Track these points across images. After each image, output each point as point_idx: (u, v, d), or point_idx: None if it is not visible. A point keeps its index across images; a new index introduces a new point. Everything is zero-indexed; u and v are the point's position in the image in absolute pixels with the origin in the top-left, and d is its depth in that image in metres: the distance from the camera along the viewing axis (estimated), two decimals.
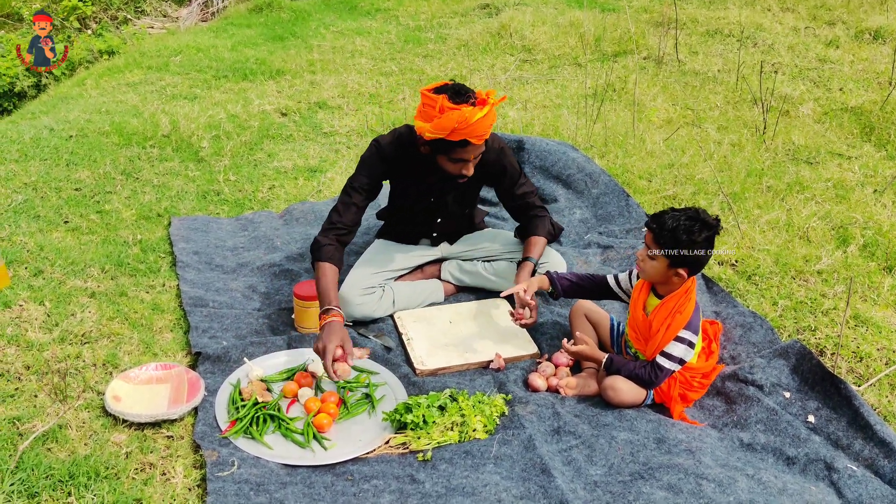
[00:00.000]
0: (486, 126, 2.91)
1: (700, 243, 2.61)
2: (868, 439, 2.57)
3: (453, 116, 2.83)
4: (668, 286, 2.74)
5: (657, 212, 2.74)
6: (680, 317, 2.69)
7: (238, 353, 2.95)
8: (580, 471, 2.49)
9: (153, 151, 4.87)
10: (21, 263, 3.43)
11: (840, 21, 7.78)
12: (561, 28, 7.86)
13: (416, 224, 3.46)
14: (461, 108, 2.84)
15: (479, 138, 2.93)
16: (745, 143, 5.08)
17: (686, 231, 2.60)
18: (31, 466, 2.31)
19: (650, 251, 2.70)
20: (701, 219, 2.63)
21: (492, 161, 3.22)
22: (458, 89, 2.91)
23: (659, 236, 2.65)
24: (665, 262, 2.67)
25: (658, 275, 2.72)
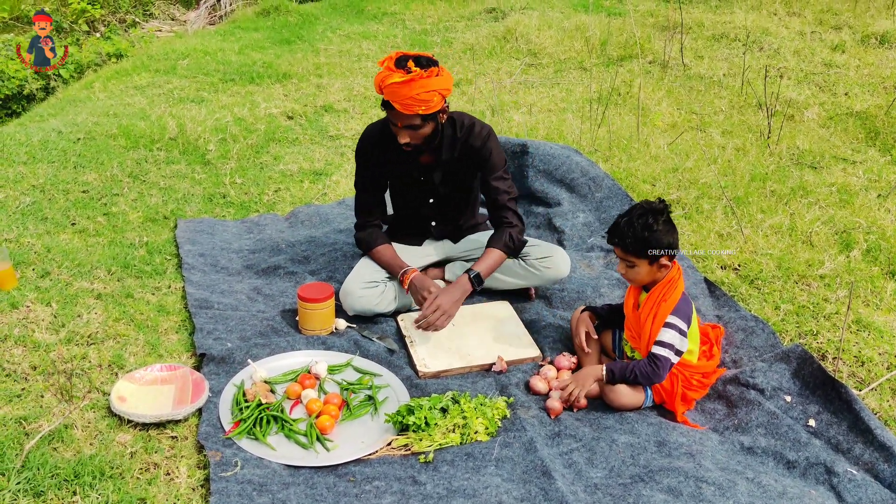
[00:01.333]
0: (405, 94, 2.93)
1: (662, 229, 2.71)
2: (868, 443, 2.58)
3: (380, 74, 2.97)
4: (657, 281, 2.80)
5: (610, 227, 2.82)
6: (665, 304, 2.75)
7: (242, 355, 2.98)
8: (581, 473, 2.50)
9: (160, 154, 4.90)
10: (28, 265, 3.46)
11: (846, 25, 7.78)
12: (566, 32, 7.88)
13: (414, 215, 3.48)
14: (392, 71, 2.94)
15: (400, 105, 2.96)
16: (750, 147, 5.09)
17: (645, 227, 2.70)
18: (36, 465, 2.33)
19: (626, 263, 2.79)
20: (650, 209, 2.73)
21: (476, 147, 3.25)
22: (410, 57, 2.98)
23: (625, 246, 2.75)
24: (645, 262, 2.75)
25: (645, 276, 2.79)
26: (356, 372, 2.99)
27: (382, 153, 3.28)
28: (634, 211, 2.76)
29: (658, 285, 2.78)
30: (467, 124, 3.26)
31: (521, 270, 3.41)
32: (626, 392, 2.79)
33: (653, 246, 2.71)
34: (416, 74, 2.90)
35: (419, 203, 3.45)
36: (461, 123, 3.25)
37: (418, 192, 3.41)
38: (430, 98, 2.97)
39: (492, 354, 3.09)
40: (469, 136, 3.24)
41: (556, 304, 3.46)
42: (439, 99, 3.01)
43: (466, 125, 3.25)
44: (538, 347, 3.17)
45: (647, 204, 2.77)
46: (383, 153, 3.28)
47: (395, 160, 3.28)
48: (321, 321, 3.18)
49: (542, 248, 3.43)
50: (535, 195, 4.19)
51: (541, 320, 3.32)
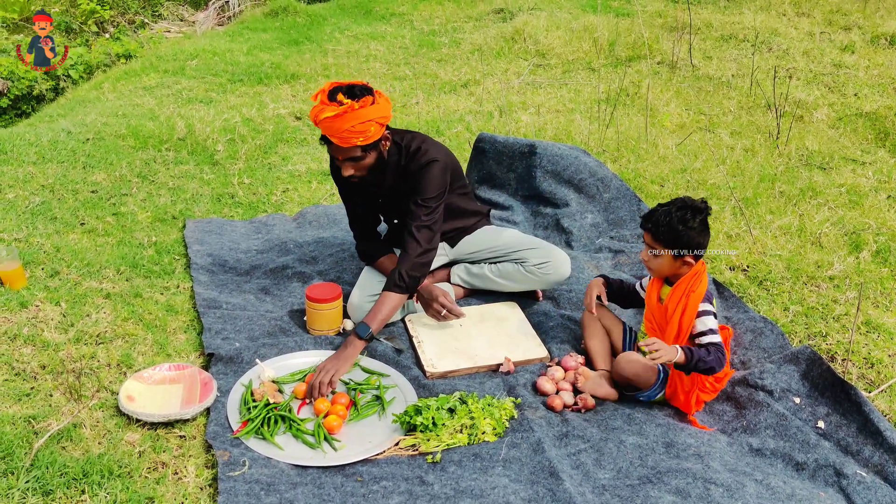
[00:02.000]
0: (338, 127, 2.88)
1: (696, 228, 2.70)
2: (878, 445, 2.56)
3: (314, 108, 2.93)
4: (678, 276, 2.79)
5: (647, 212, 2.80)
6: (694, 295, 2.73)
7: (250, 355, 2.98)
8: (588, 474, 2.49)
9: (169, 154, 4.92)
10: (38, 264, 3.48)
11: (856, 26, 7.75)
12: (575, 33, 7.87)
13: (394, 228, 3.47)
14: (325, 105, 2.89)
15: (337, 139, 2.92)
16: (759, 148, 5.07)
17: (681, 221, 2.69)
18: (45, 464, 2.34)
19: (652, 250, 2.78)
20: (691, 205, 2.71)
21: (412, 171, 3.16)
22: (342, 89, 2.92)
23: (657, 234, 2.74)
24: (669, 255, 2.74)
25: (667, 269, 2.79)
26: (364, 372, 2.99)
27: (343, 178, 3.20)
28: (676, 202, 2.75)
29: (684, 278, 2.77)
30: (413, 150, 3.17)
31: (520, 276, 3.40)
32: (639, 359, 2.76)
33: (683, 240, 2.71)
34: (348, 106, 2.84)
35: (388, 220, 3.47)
36: (407, 148, 3.18)
37: (384, 214, 3.43)
38: (366, 129, 2.91)
39: (499, 355, 3.09)
40: (410, 161, 3.16)
41: (564, 305, 3.45)
42: (377, 128, 2.95)
43: (412, 151, 3.17)
44: (546, 348, 3.16)
45: (689, 200, 2.76)
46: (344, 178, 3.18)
47: (355, 185, 3.25)
48: (329, 321, 3.18)
49: (540, 252, 3.40)
50: (544, 196, 4.18)
51: (548, 321, 3.32)
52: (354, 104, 2.85)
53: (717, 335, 2.73)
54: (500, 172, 4.37)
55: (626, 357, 2.80)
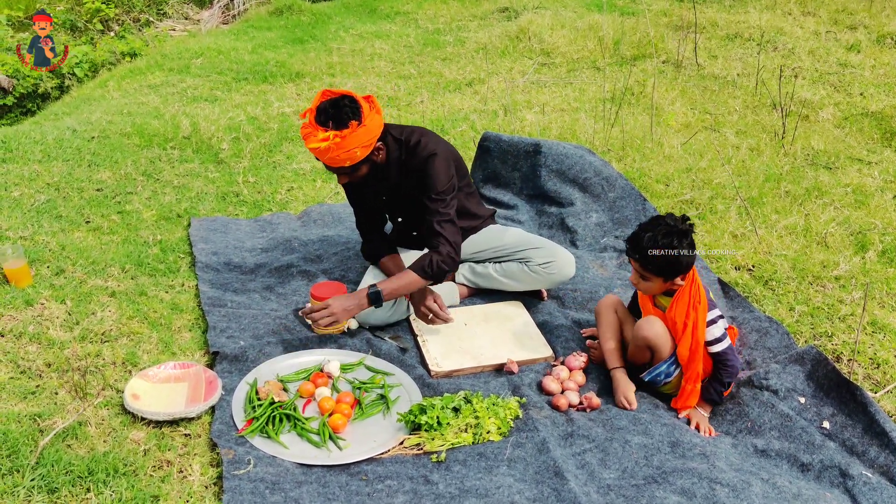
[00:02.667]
0: (322, 155, 2.96)
1: (685, 253, 2.69)
2: (884, 446, 2.56)
3: (302, 130, 2.99)
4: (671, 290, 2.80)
5: (631, 237, 2.78)
6: (700, 307, 2.74)
7: (255, 353, 2.99)
8: (594, 474, 2.49)
9: (174, 153, 4.92)
10: (43, 262, 3.48)
11: (861, 25, 7.72)
12: (580, 32, 7.86)
13: (398, 227, 3.50)
14: (314, 129, 2.94)
15: (325, 161, 3.00)
16: (764, 147, 5.06)
17: (668, 248, 2.68)
18: (51, 462, 2.35)
19: (642, 276, 2.78)
20: (675, 230, 2.69)
21: (415, 167, 3.18)
22: (328, 110, 2.94)
23: (645, 265, 2.74)
24: (660, 280, 2.75)
25: (657, 290, 2.81)
26: (368, 371, 2.99)
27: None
28: (659, 229, 2.71)
29: (682, 291, 2.76)
30: (413, 144, 3.18)
31: (524, 276, 3.39)
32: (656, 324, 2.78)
33: (673, 268, 2.70)
34: (333, 139, 2.89)
35: (393, 219, 3.49)
36: (407, 143, 3.19)
37: (388, 211, 3.45)
38: (351, 155, 2.97)
39: (504, 354, 3.09)
40: (411, 156, 3.18)
41: (569, 305, 3.45)
42: (364, 150, 2.99)
43: (411, 145, 3.19)
44: (550, 347, 3.16)
45: (672, 221, 2.73)
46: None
47: (355, 186, 3.31)
48: None
49: (545, 251, 3.39)
50: (548, 195, 4.17)
51: (553, 320, 3.31)
52: (338, 136, 2.90)
53: (726, 340, 2.75)
54: (505, 171, 4.37)
55: (647, 320, 2.80)
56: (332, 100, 2.98)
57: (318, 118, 2.95)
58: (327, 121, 2.93)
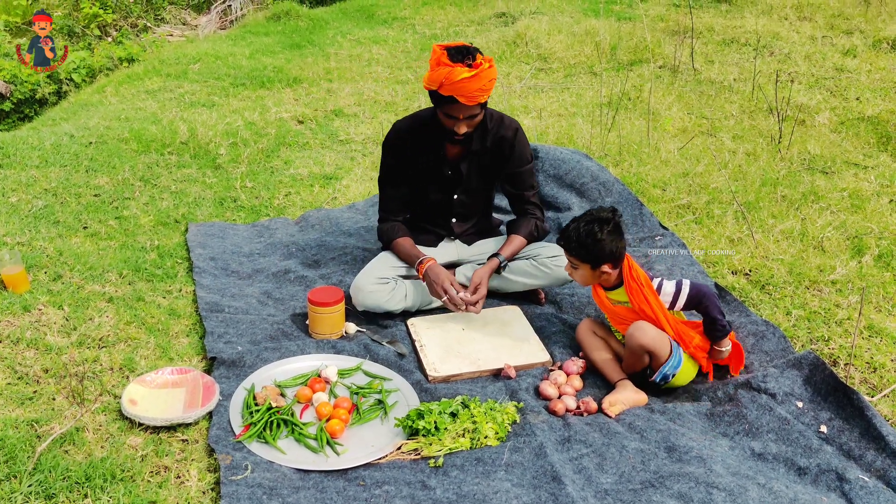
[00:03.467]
0: (472, 88, 3.01)
1: (606, 239, 2.80)
2: (881, 450, 2.56)
3: (443, 72, 3.00)
4: (605, 283, 2.93)
5: (562, 228, 2.95)
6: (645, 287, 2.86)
7: (253, 359, 2.99)
8: (591, 479, 2.49)
9: (171, 158, 4.93)
10: (41, 268, 3.48)
11: (857, 30, 7.75)
12: (577, 37, 7.88)
13: (436, 211, 3.50)
14: (454, 66, 2.98)
15: (466, 98, 3.04)
16: (761, 152, 5.07)
17: (589, 235, 2.81)
18: (48, 468, 2.35)
19: (572, 264, 2.92)
20: (598, 218, 2.84)
21: (508, 137, 3.33)
22: (462, 49, 3.06)
23: (570, 249, 2.89)
24: (587, 266, 2.88)
25: (589, 278, 2.94)
26: (366, 376, 2.99)
27: (413, 148, 3.34)
28: (585, 216, 2.89)
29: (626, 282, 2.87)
30: (497, 116, 3.36)
31: (533, 269, 3.41)
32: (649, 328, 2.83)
33: (595, 254, 2.83)
34: (481, 68, 3.00)
35: (443, 198, 3.47)
36: (490, 115, 3.33)
37: (444, 187, 3.44)
38: (491, 87, 3.09)
39: (502, 359, 3.09)
40: (500, 126, 3.34)
41: (567, 309, 3.46)
42: (492, 85, 3.11)
43: (496, 116, 3.36)
44: (548, 352, 3.16)
45: (596, 211, 2.90)
46: (414, 148, 3.34)
47: (426, 155, 3.35)
48: (331, 325, 3.18)
49: (553, 247, 3.46)
50: (545, 200, 4.18)
51: (550, 325, 3.32)
52: (485, 64, 3.01)
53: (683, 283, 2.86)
54: None
55: (638, 326, 2.85)
56: (456, 46, 3.08)
57: (453, 57, 3.02)
58: (465, 57, 3.02)
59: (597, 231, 2.81)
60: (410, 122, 3.37)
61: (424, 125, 3.33)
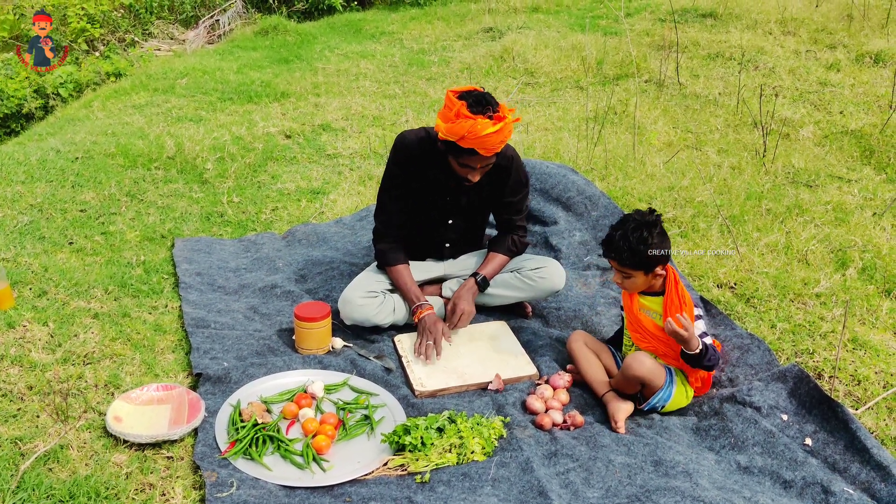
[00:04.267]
0: (496, 141, 2.98)
1: (657, 241, 2.77)
2: (865, 462, 2.58)
3: (465, 125, 2.93)
4: (653, 286, 2.89)
5: (604, 239, 2.89)
6: (686, 308, 2.80)
7: (239, 375, 2.98)
8: (577, 493, 2.49)
9: (158, 173, 4.92)
10: (26, 284, 3.46)
11: (841, 45, 7.83)
12: (563, 51, 7.92)
13: (425, 230, 3.46)
14: (476, 118, 2.93)
15: (487, 150, 3.01)
16: (745, 166, 5.11)
17: (640, 241, 2.76)
18: (32, 486, 2.33)
19: (624, 274, 2.86)
20: (643, 222, 2.79)
21: (504, 165, 3.29)
22: (480, 99, 2.99)
23: (622, 261, 2.82)
24: (641, 273, 2.83)
25: (643, 285, 2.88)
26: (353, 391, 2.99)
27: (419, 168, 3.27)
28: (628, 224, 2.81)
29: (669, 292, 2.83)
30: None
31: (517, 282, 3.42)
32: (647, 361, 2.80)
33: (649, 258, 2.77)
34: (506, 120, 2.96)
35: (437, 223, 3.44)
36: None
37: (440, 213, 3.41)
38: (510, 134, 3.05)
39: (488, 373, 3.09)
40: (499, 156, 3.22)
41: (553, 323, 3.46)
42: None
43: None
44: (535, 366, 3.17)
45: (639, 215, 2.83)
46: (420, 166, 3.27)
47: (429, 176, 3.28)
48: (318, 340, 3.18)
49: (537, 260, 3.48)
50: (532, 214, 4.20)
51: (537, 339, 3.32)
52: (509, 116, 2.98)
53: (708, 337, 2.81)
54: None
55: (636, 357, 2.82)
56: (473, 93, 3.02)
57: (475, 109, 2.95)
58: (486, 108, 2.96)
59: (647, 237, 2.76)
60: (418, 139, 3.26)
61: (430, 146, 3.21)
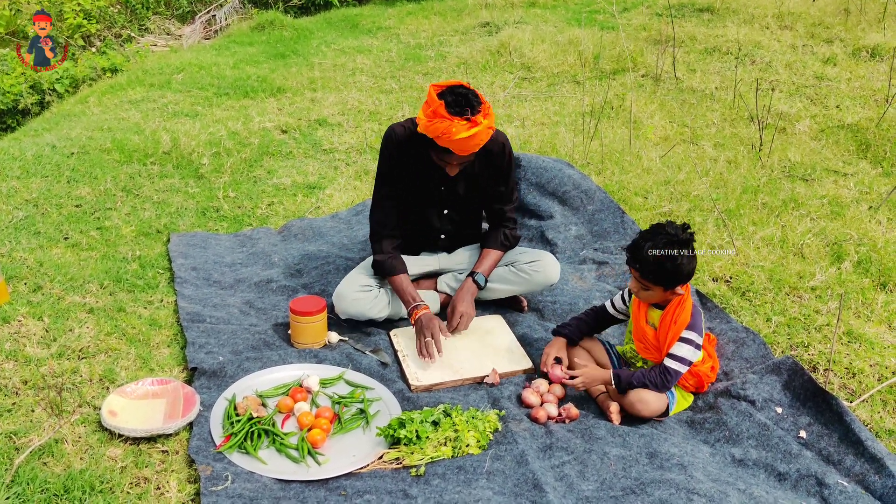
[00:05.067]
0: (471, 144, 2.96)
1: (685, 262, 2.67)
2: (859, 455, 2.58)
3: (441, 126, 2.91)
4: (667, 301, 2.80)
5: (631, 246, 2.76)
6: (675, 326, 2.75)
7: (234, 369, 2.98)
8: (572, 486, 2.50)
9: (154, 168, 4.91)
10: (21, 279, 3.46)
11: (838, 39, 7.83)
12: (560, 46, 7.92)
13: (424, 227, 3.45)
14: (453, 120, 2.89)
15: (462, 151, 2.99)
16: (741, 160, 5.11)
17: (669, 259, 2.65)
18: (26, 480, 2.33)
19: (643, 286, 2.76)
20: (677, 240, 2.67)
21: (496, 151, 3.25)
22: (459, 99, 2.93)
23: (646, 275, 2.72)
24: (660, 289, 2.74)
25: (657, 298, 2.80)
26: (348, 385, 2.99)
27: (410, 157, 3.24)
28: (659, 238, 2.68)
29: (670, 306, 2.78)
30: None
31: (511, 276, 3.42)
32: (653, 400, 2.78)
33: (674, 277, 2.69)
34: (480, 126, 2.92)
35: (433, 215, 3.43)
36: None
37: (435, 204, 3.39)
38: (487, 136, 3.01)
39: (484, 367, 3.09)
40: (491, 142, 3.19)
41: (549, 317, 3.46)
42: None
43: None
44: (530, 360, 3.17)
45: (672, 230, 2.70)
46: (410, 158, 3.24)
47: (420, 168, 3.25)
48: (313, 334, 3.18)
49: (531, 253, 3.47)
50: (528, 208, 4.20)
51: (532, 333, 3.32)
52: (483, 121, 2.93)
53: (679, 363, 2.75)
54: None
55: (640, 399, 2.77)
56: (455, 90, 2.97)
57: (453, 109, 2.91)
58: (464, 110, 2.91)
59: (677, 256, 2.64)
60: (406, 131, 3.22)
61: (420, 137, 3.16)
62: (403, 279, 3.30)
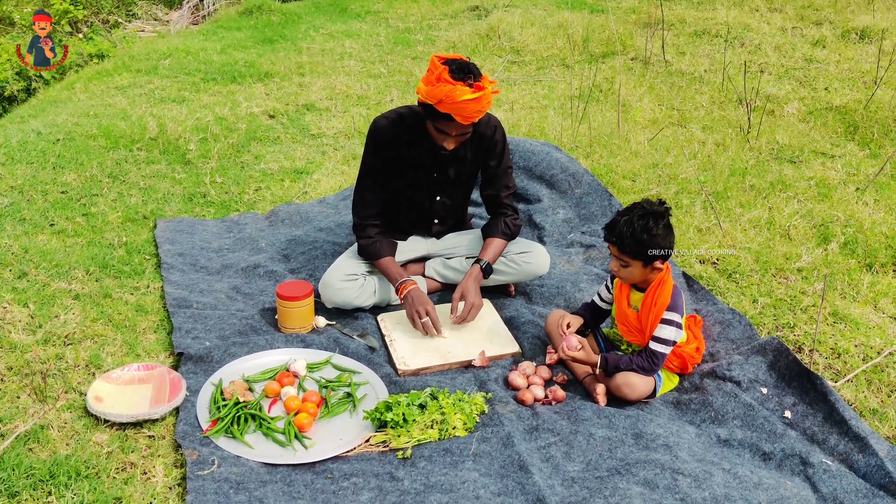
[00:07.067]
0: (473, 109, 2.96)
1: (661, 234, 2.69)
2: (843, 434, 2.60)
3: (444, 89, 2.91)
4: (648, 281, 2.80)
5: (608, 223, 2.78)
6: (655, 308, 2.76)
7: (221, 354, 2.97)
8: (558, 467, 2.51)
9: (140, 154, 4.89)
10: (6, 266, 3.44)
11: (827, 21, 7.83)
12: (549, 30, 7.89)
13: (417, 213, 3.45)
14: (456, 84, 2.91)
15: (464, 118, 2.99)
16: (730, 142, 5.11)
17: (644, 230, 2.67)
18: (11, 466, 2.33)
19: (621, 262, 2.77)
20: (651, 212, 2.70)
21: (488, 135, 3.27)
22: (462, 66, 2.97)
23: (622, 247, 2.72)
24: (639, 264, 2.74)
25: (637, 276, 2.79)
26: (335, 369, 2.99)
27: (398, 149, 3.24)
28: (635, 211, 2.72)
29: (650, 288, 2.78)
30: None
31: (502, 266, 3.42)
32: (640, 384, 2.79)
33: (650, 248, 2.69)
34: (485, 91, 2.93)
35: (425, 200, 3.42)
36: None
37: (427, 189, 3.39)
38: (489, 106, 3.03)
39: (471, 351, 3.10)
40: (479, 125, 3.21)
41: (536, 301, 3.47)
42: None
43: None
44: (518, 343, 3.17)
45: (648, 205, 2.73)
46: (399, 149, 3.24)
47: (411, 156, 3.26)
48: (300, 319, 3.18)
49: (522, 244, 3.47)
50: (516, 192, 4.18)
51: (520, 317, 3.32)
52: (488, 87, 2.95)
53: (663, 345, 2.76)
54: None
55: (627, 382, 2.78)
56: (457, 60, 3.00)
57: (455, 75, 2.93)
58: (468, 76, 2.94)
59: (651, 226, 2.66)
60: (395, 120, 3.23)
61: (408, 127, 3.20)
62: (389, 260, 3.31)
